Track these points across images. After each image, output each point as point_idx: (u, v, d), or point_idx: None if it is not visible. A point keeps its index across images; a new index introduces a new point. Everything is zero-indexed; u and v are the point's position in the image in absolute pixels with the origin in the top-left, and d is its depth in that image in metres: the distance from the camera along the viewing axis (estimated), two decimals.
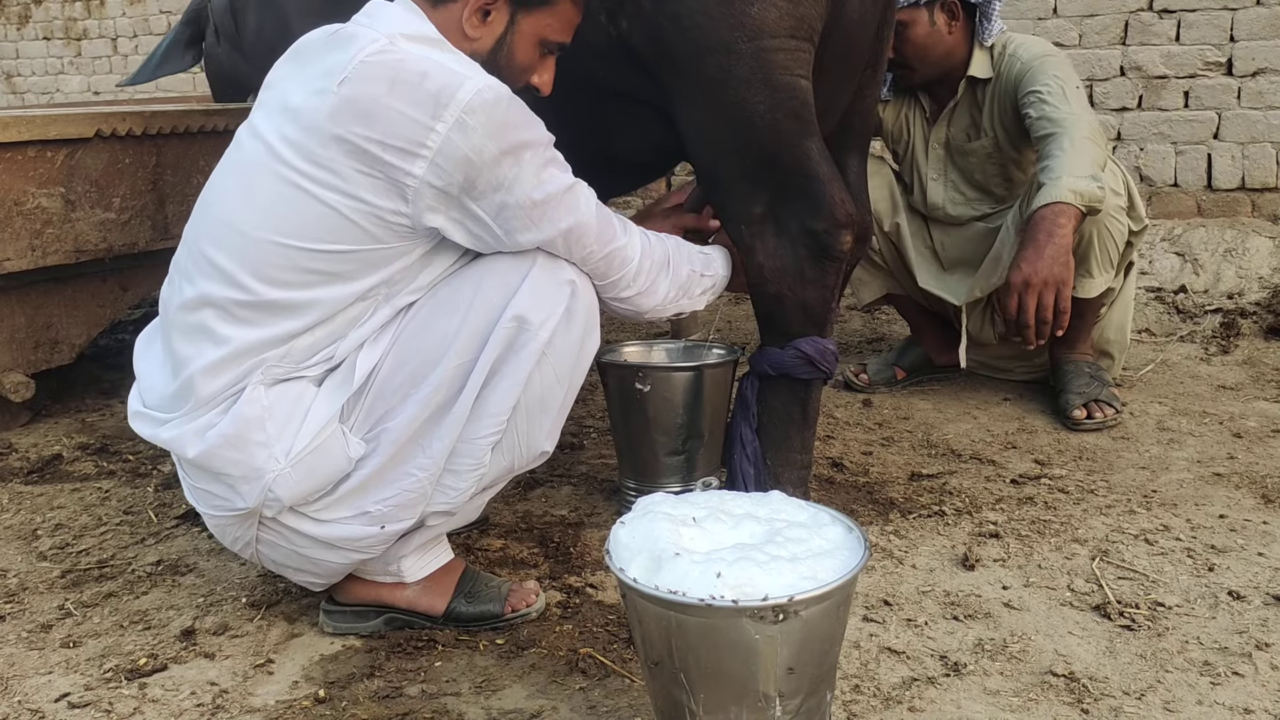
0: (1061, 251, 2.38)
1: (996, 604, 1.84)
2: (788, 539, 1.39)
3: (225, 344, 1.58)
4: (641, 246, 1.76)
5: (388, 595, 1.80)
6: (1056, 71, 2.70)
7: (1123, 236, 2.72)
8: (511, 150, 1.56)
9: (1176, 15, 3.97)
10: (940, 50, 2.81)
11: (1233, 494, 2.27)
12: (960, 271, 2.98)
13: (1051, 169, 2.51)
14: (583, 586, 1.95)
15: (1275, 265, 3.73)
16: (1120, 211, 2.69)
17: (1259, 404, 2.86)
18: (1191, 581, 1.89)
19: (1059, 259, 2.37)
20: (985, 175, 2.94)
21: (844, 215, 1.87)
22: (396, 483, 1.63)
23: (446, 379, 1.61)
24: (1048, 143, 2.60)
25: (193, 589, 2.01)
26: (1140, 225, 2.78)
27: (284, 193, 1.56)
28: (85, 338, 3.10)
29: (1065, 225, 2.40)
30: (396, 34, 1.59)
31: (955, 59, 2.83)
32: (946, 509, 2.23)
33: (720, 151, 1.88)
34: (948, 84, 2.90)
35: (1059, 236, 2.39)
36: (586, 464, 2.59)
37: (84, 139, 2.90)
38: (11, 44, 7.16)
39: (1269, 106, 3.87)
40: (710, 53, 1.79)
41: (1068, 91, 2.65)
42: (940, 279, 3.01)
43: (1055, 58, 2.77)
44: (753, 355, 2.02)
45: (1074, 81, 2.71)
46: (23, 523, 2.35)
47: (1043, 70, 2.71)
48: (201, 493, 1.66)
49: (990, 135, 2.87)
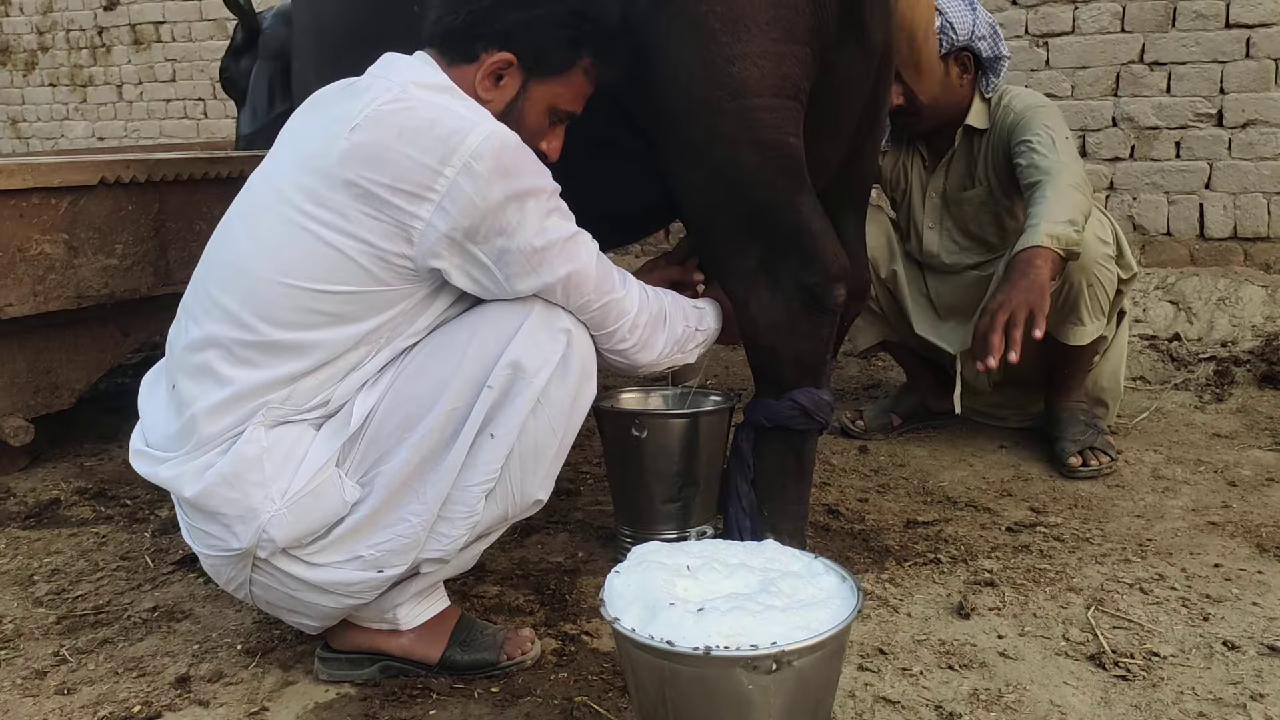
0: (1036, 285, 2.38)
1: (992, 653, 1.84)
2: (781, 588, 1.40)
3: (229, 385, 1.60)
4: (639, 300, 1.78)
5: (383, 643, 1.80)
6: (1047, 121, 2.75)
7: (1112, 284, 2.75)
8: (517, 196, 1.59)
9: (1167, 67, 4.03)
10: (952, 101, 2.85)
11: (1228, 543, 2.27)
12: (955, 319, 3.00)
13: (1033, 215, 2.55)
14: (578, 634, 1.95)
15: (1268, 314, 3.75)
16: (1109, 260, 2.72)
17: (1253, 452, 2.87)
18: (1186, 631, 1.89)
19: (1033, 289, 2.36)
20: (980, 224, 2.98)
21: (837, 269, 1.89)
22: (390, 528, 1.64)
23: (440, 424, 1.62)
24: (1033, 190, 2.63)
25: (188, 635, 2.00)
26: (1130, 273, 2.81)
27: (290, 234, 1.59)
28: (85, 382, 3.11)
29: (1041, 266, 2.41)
30: (409, 82, 1.63)
31: (960, 110, 2.88)
32: (942, 557, 2.23)
33: (711, 207, 1.91)
34: (946, 134, 2.94)
35: (1034, 273, 2.40)
36: (583, 510, 2.60)
37: (88, 186, 2.93)
38: (17, 90, 7.24)
39: (1259, 157, 3.92)
40: (695, 112, 1.82)
41: (1057, 141, 2.69)
42: (936, 327, 3.04)
43: (1047, 109, 2.82)
44: (747, 406, 2.04)
45: (1064, 132, 2.75)
46: (19, 568, 2.35)
47: (1034, 120, 2.76)
48: (198, 532, 1.67)
49: (984, 184, 2.91)
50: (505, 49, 1.70)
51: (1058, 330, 2.80)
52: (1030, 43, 4.23)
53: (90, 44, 6.84)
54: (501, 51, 1.70)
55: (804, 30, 1.81)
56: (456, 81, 1.70)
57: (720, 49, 1.77)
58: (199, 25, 6.39)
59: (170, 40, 6.52)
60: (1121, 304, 2.89)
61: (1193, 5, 3.95)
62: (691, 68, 1.80)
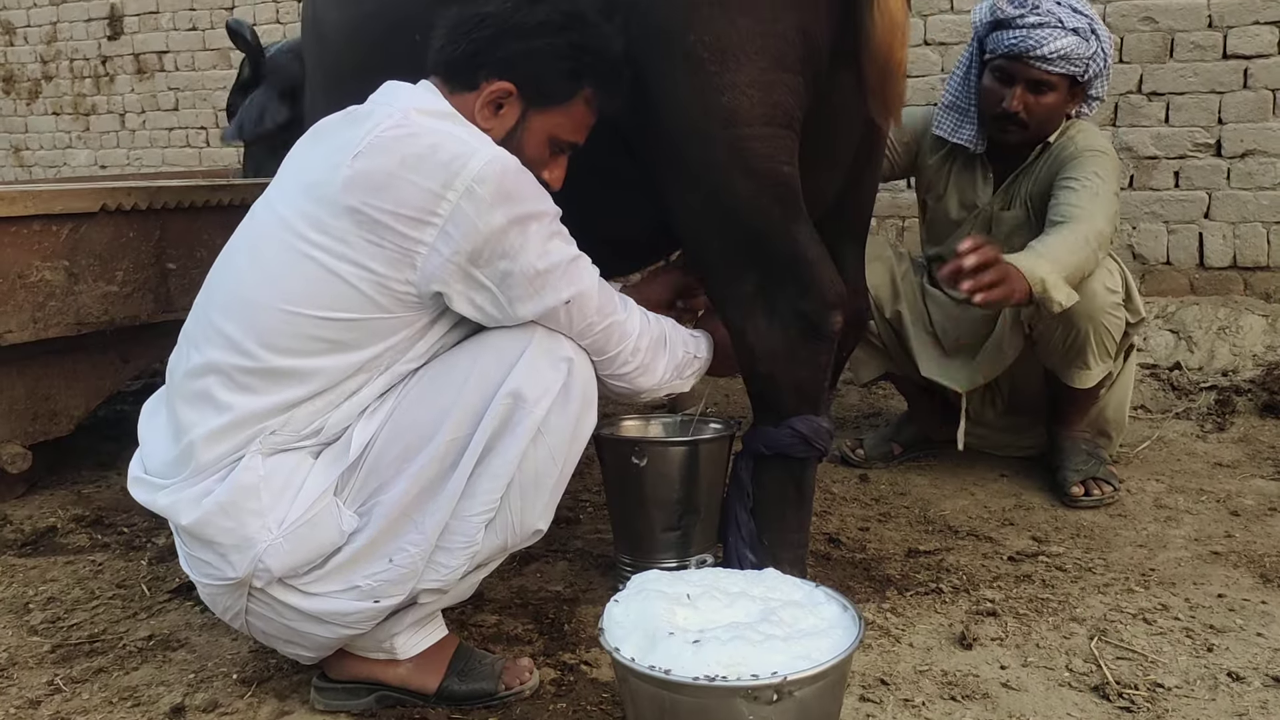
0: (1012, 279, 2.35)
1: (995, 684, 1.82)
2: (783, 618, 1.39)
3: (227, 411, 1.59)
4: (641, 323, 1.78)
5: (380, 672, 1.79)
6: (1098, 169, 2.70)
7: (1120, 329, 2.75)
8: (519, 220, 1.59)
9: (1165, 98, 4.04)
10: (1055, 122, 2.82)
11: (1231, 573, 2.26)
12: (962, 357, 2.97)
13: (1037, 246, 2.52)
14: (577, 664, 1.93)
15: (1269, 343, 3.75)
16: (1117, 308, 2.71)
17: (1256, 482, 2.86)
18: (1191, 662, 1.88)
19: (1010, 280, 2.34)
20: (1010, 247, 2.94)
21: (833, 296, 1.89)
22: (388, 557, 1.63)
23: (440, 454, 1.61)
24: (1049, 228, 2.61)
25: (184, 665, 1.99)
26: (1138, 317, 2.80)
27: (293, 262, 1.59)
28: (84, 409, 3.11)
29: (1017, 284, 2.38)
30: (411, 109, 1.64)
31: (1052, 131, 2.84)
32: (944, 586, 2.22)
33: (707, 235, 1.91)
34: (1022, 152, 2.88)
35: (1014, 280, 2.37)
36: (582, 539, 2.58)
37: (89, 213, 2.94)
38: (21, 119, 7.28)
39: (1258, 187, 3.93)
40: (688, 142, 1.83)
41: (1100, 192, 2.65)
42: (943, 365, 2.98)
43: (1105, 156, 2.76)
44: (747, 434, 2.03)
45: (1112, 185, 2.70)
46: (14, 596, 2.34)
47: (1087, 163, 2.71)
48: (195, 560, 1.66)
49: (1024, 207, 2.88)
50: (505, 78, 1.71)
51: (1063, 373, 2.79)
52: None
53: (94, 73, 6.88)
54: (501, 80, 1.71)
55: (794, 59, 1.82)
56: (458, 109, 1.71)
57: (710, 79, 1.78)
58: (202, 55, 6.43)
59: (173, 69, 6.55)
60: (1130, 341, 2.88)
61: (1190, 36, 3.97)
62: (682, 98, 1.81)
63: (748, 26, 1.77)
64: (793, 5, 1.79)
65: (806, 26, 1.81)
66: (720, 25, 1.76)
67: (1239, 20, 3.90)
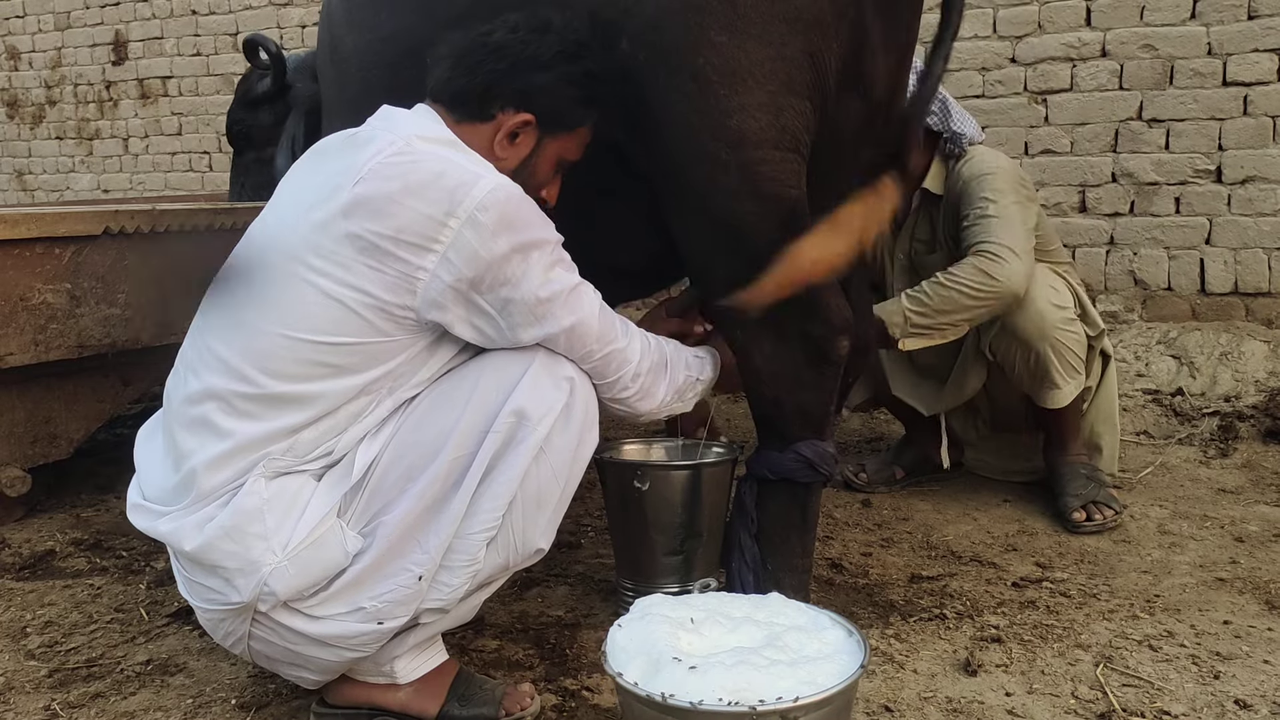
0: None
1: (1000, 711, 1.80)
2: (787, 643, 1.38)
3: (228, 438, 1.59)
4: (641, 349, 1.78)
5: (380, 697, 1.77)
6: (985, 193, 2.71)
7: (1081, 344, 2.77)
8: (521, 248, 1.60)
9: (1166, 124, 4.06)
10: (919, 169, 2.85)
11: (1236, 599, 2.24)
12: (931, 381, 3.02)
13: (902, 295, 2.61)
14: (579, 689, 1.91)
15: (1271, 369, 3.74)
16: (1069, 322, 2.74)
17: (1260, 508, 2.84)
18: (1197, 689, 1.86)
19: None
20: None
21: (840, 320, 1.89)
22: (392, 578, 1.62)
23: (443, 473, 1.61)
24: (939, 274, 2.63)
25: (182, 690, 1.97)
26: (1097, 330, 2.85)
27: (291, 287, 1.59)
28: (84, 432, 3.10)
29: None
30: (413, 135, 1.65)
31: (919, 175, 2.87)
32: (948, 612, 2.21)
33: (712, 258, 1.91)
34: (905, 197, 2.90)
35: None
36: (584, 563, 2.57)
37: (91, 236, 2.94)
38: (24, 143, 7.31)
39: (1259, 213, 3.94)
40: (695, 163, 1.83)
41: (990, 212, 2.66)
42: (914, 388, 3.04)
43: (992, 175, 2.75)
44: (751, 459, 2.02)
45: (1009, 198, 2.70)
46: (12, 620, 2.32)
47: (975, 193, 2.72)
48: (196, 586, 1.65)
49: (945, 249, 2.90)
50: (524, 109, 1.74)
51: (1036, 396, 2.81)
52: (1029, 99, 4.26)
53: (98, 98, 6.92)
54: (520, 112, 1.73)
55: (803, 84, 1.83)
56: (465, 138, 1.71)
57: (718, 101, 1.79)
58: (206, 80, 6.46)
59: (177, 94, 6.59)
60: (1102, 348, 2.91)
61: (1190, 64, 3.99)
62: (690, 120, 1.81)
63: (757, 50, 1.78)
64: (802, 30, 1.80)
65: (815, 52, 1.81)
66: (730, 48, 1.77)
67: (1238, 47, 3.92)
